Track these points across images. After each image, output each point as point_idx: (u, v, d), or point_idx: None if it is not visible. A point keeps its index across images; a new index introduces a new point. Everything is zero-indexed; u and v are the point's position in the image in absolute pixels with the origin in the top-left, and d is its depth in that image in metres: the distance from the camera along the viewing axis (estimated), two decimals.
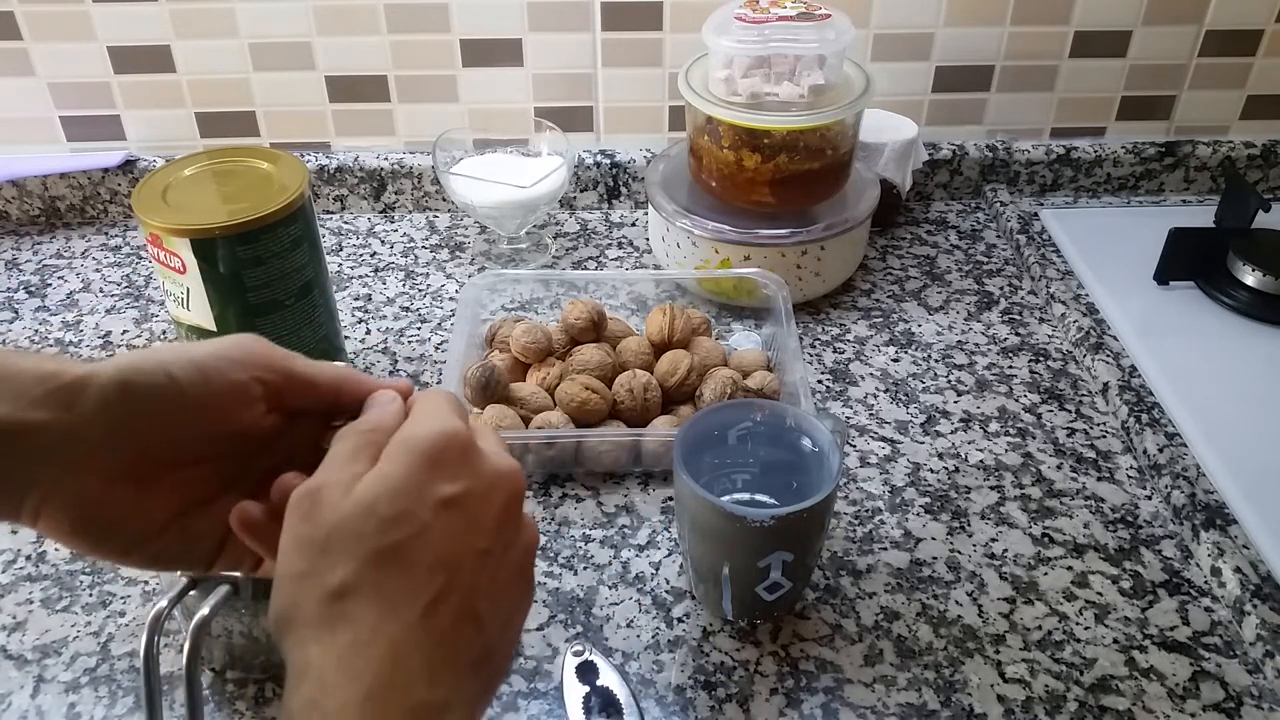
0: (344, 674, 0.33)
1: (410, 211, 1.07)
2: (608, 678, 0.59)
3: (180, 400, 0.39)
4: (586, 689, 0.58)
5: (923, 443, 0.78)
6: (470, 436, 0.39)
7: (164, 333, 0.90)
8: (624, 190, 1.07)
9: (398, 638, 0.34)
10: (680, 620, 0.64)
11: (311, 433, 0.43)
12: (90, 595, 0.66)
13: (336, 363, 0.43)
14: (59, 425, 0.37)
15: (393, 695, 0.33)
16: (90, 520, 0.39)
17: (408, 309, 0.93)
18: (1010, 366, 0.86)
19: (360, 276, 0.97)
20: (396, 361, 0.86)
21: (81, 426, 0.37)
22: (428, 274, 0.97)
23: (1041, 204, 1.07)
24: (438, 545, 0.36)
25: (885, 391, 0.83)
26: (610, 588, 0.66)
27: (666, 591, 0.66)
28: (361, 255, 1.00)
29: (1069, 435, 0.79)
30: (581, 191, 1.07)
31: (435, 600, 0.35)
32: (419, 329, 0.90)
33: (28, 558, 0.68)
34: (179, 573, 0.54)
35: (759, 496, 0.68)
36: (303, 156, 1.03)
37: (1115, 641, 0.63)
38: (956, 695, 0.60)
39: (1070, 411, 0.81)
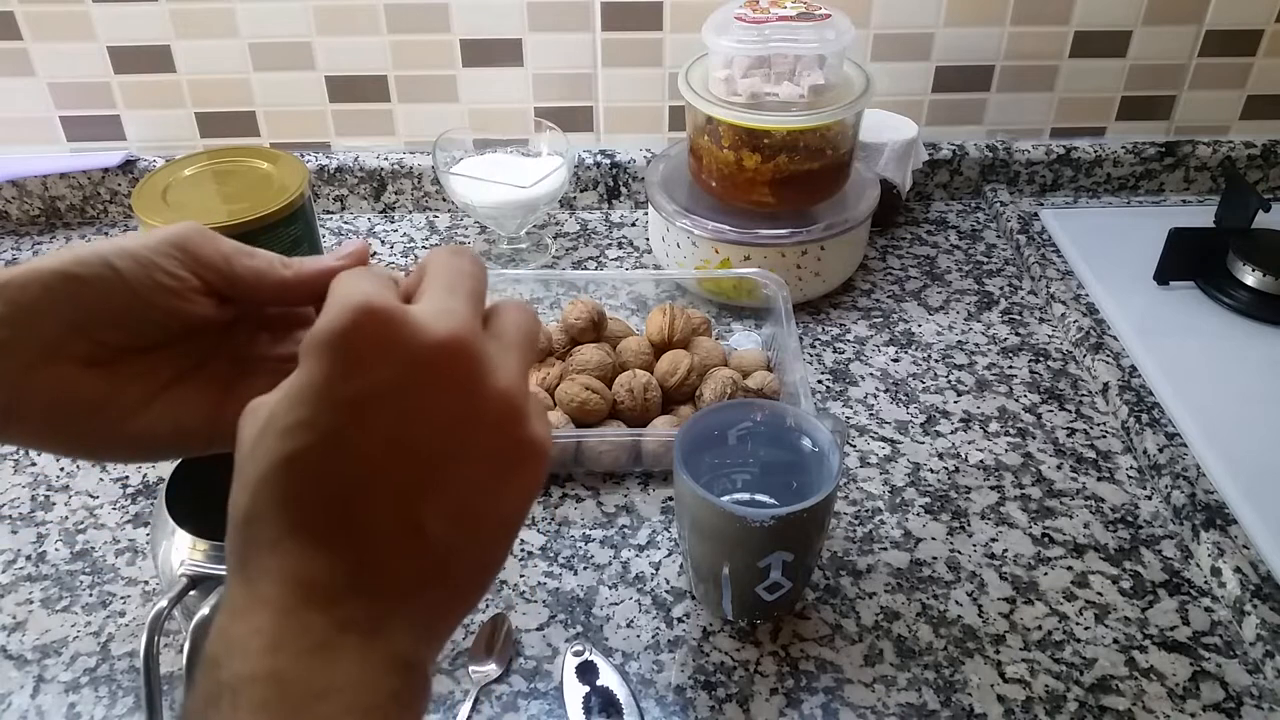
0: (253, 604, 0.29)
1: (410, 211, 1.07)
2: (608, 678, 0.59)
3: (124, 288, 0.38)
4: (586, 689, 0.58)
5: (923, 443, 0.78)
6: (391, 310, 0.30)
7: None
8: (624, 190, 1.07)
9: (308, 557, 0.29)
10: (680, 620, 0.64)
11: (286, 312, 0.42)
12: (90, 595, 0.66)
13: (280, 260, 0.41)
14: (9, 320, 0.37)
15: (306, 615, 0.29)
16: (62, 410, 0.38)
17: None
18: (1010, 366, 0.86)
19: None
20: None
21: (32, 318, 0.37)
22: None
23: (1041, 204, 1.07)
24: (349, 450, 0.30)
25: (885, 391, 0.83)
26: (610, 588, 0.66)
27: (666, 591, 0.66)
28: None
29: (1069, 435, 0.79)
30: (581, 191, 1.07)
31: (359, 517, 0.30)
32: None
33: (28, 558, 0.68)
34: (179, 574, 0.54)
35: (759, 496, 0.68)
36: (303, 156, 1.03)
37: (1115, 641, 0.63)
38: (956, 695, 0.60)
39: (1070, 411, 0.81)
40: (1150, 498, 0.73)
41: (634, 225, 1.05)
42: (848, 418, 0.80)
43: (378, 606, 0.30)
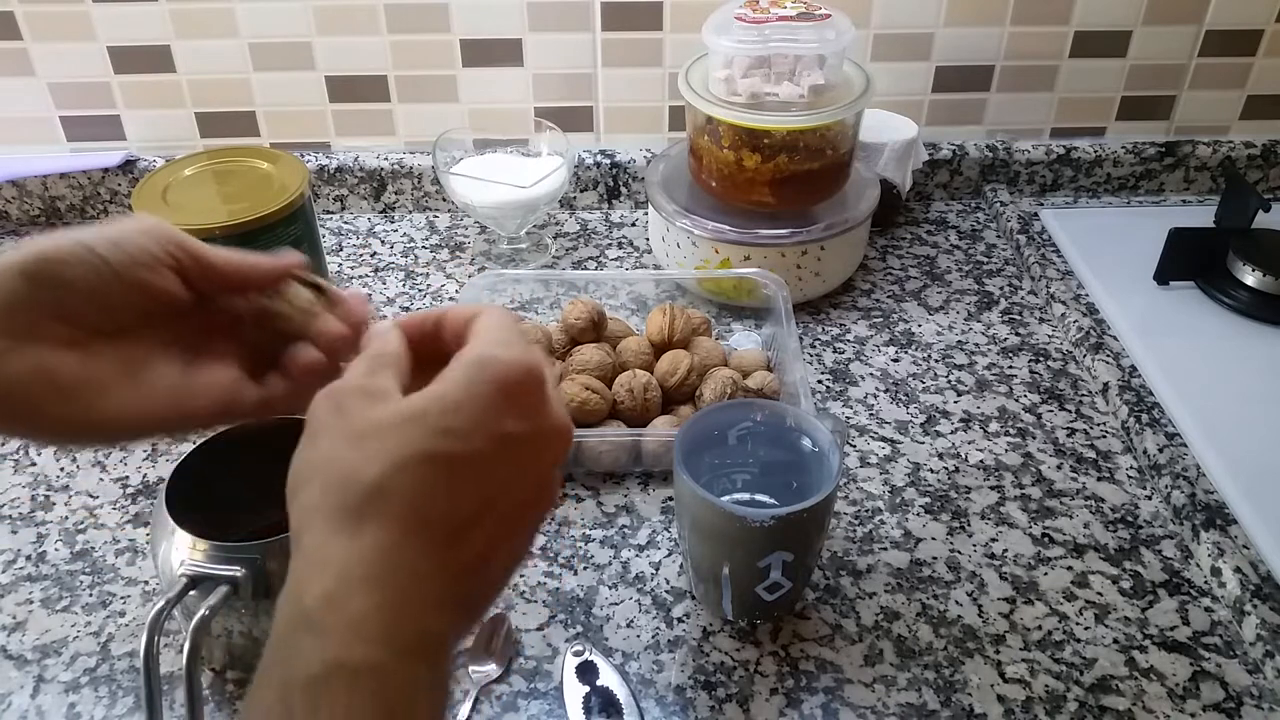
0: (365, 580, 0.32)
1: (410, 211, 1.07)
2: (608, 678, 0.59)
3: (100, 267, 0.41)
4: (586, 689, 0.58)
5: (923, 443, 0.78)
6: (543, 378, 0.37)
7: None
8: (624, 190, 1.07)
9: (420, 559, 0.33)
10: (680, 620, 0.64)
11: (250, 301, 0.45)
12: (90, 595, 0.66)
13: (230, 250, 0.45)
14: None
15: (406, 613, 0.32)
16: (38, 392, 0.40)
17: (408, 309, 0.93)
18: (1010, 366, 0.86)
19: (360, 276, 0.97)
20: None
21: (11, 303, 0.39)
22: (428, 274, 0.97)
23: (1041, 204, 1.07)
24: (484, 475, 0.34)
25: (885, 391, 0.83)
26: (610, 588, 0.66)
27: (666, 591, 0.66)
28: (361, 255, 1.00)
29: (1069, 435, 0.79)
30: (581, 191, 1.07)
31: (463, 528, 0.34)
32: None
33: (28, 558, 0.68)
34: (179, 574, 0.54)
35: (759, 496, 0.68)
36: (303, 156, 1.03)
37: (1115, 641, 0.63)
38: (956, 695, 0.60)
39: (1070, 411, 0.81)
40: (1150, 498, 0.73)
41: (634, 225, 1.05)
42: (848, 418, 0.80)
43: (445, 626, 0.34)
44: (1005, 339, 0.89)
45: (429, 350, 0.40)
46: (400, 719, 0.31)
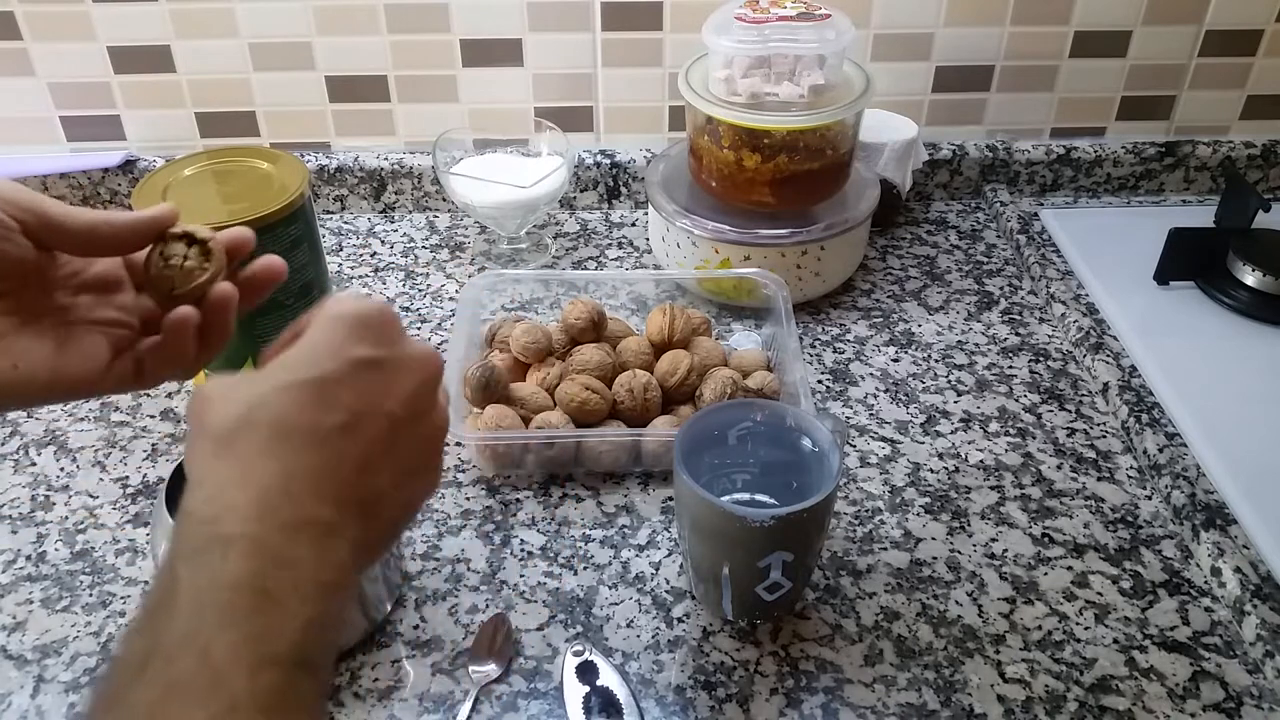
0: (238, 480, 0.36)
1: (410, 211, 1.07)
2: (608, 678, 0.59)
3: None
4: (586, 689, 0.58)
5: (923, 443, 0.78)
6: (396, 318, 0.42)
7: None
8: (624, 190, 1.07)
9: (291, 458, 0.37)
10: (680, 620, 0.64)
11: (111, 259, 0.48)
12: (90, 595, 0.66)
13: (90, 209, 0.45)
14: None
15: (282, 501, 0.36)
16: None
17: (408, 309, 0.93)
18: (1010, 366, 0.86)
19: (360, 276, 0.97)
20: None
21: None
22: (428, 274, 0.97)
23: (1041, 204, 1.07)
24: (346, 392, 0.39)
25: (885, 391, 0.83)
26: (610, 588, 0.66)
27: (666, 591, 0.66)
28: (361, 255, 1.00)
29: (1069, 435, 0.79)
30: (581, 191, 1.07)
31: (332, 435, 0.38)
32: (419, 329, 0.90)
33: (28, 558, 0.68)
34: None
35: (759, 496, 0.68)
36: (303, 156, 1.03)
37: (1115, 641, 0.63)
38: (956, 695, 0.60)
39: (1070, 411, 0.81)
40: (1150, 498, 0.73)
41: (634, 225, 1.05)
42: (848, 418, 0.80)
43: (332, 515, 0.37)
44: (1005, 339, 0.89)
45: None
46: (274, 581, 0.34)
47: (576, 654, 0.60)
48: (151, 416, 0.80)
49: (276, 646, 0.33)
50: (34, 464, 0.76)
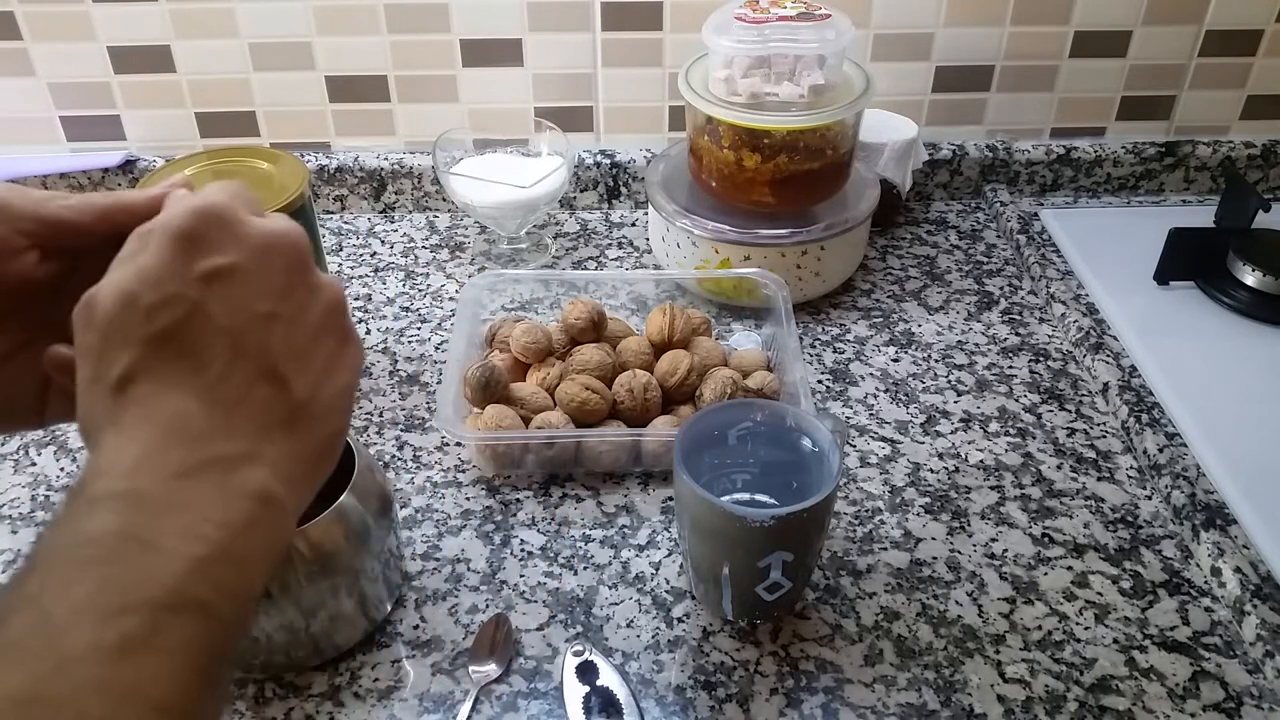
0: (125, 444, 0.34)
1: (410, 211, 1.07)
2: (608, 678, 0.59)
3: None
4: (586, 689, 0.58)
5: (923, 443, 0.78)
6: (229, 208, 0.38)
7: None
8: (624, 190, 1.07)
9: (179, 405, 0.35)
10: (680, 620, 0.64)
11: (105, 263, 0.43)
12: None
13: (100, 194, 0.42)
14: None
15: (171, 455, 0.34)
16: None
17: (408, 309, 0.93)
18: (1010, 366, 0.86)
19: (360, 276, 0.97)
20: (396, 361, 0.86)
21: None
22: (428, 274, 0.97)
23: (1041, 204, 1.07)
24: (213, 318, 0.36)
25: (885, 391, 0.83)
26: (610, 588, 0.66)
27: (666, 591, 0.66)
28: (361, 255, 1.00)
29: (1069, 435, 0.79)
30: (581, 191, 1.07)
31: (222, 370, 0.36)
32: (419, 329, 0.90)
33: (28, 558, 0.68)
34: None
35: (759, 496, 0.68)
36: (303, 156, 1.03)
37: (1115, 641, 0.63)
38: (956, 695, 0.60)
39: (1070, 411, 0.81)
40: (1150, 498, 0.73)
41: (634, 225, 1.05)
42: (848, 418, 0.80)
43: (237, 446, 0.35)
44: (1005, 339, 0.89)
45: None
46: (150, 530, 0.32)
47: (576, 654, 0.60)
48: None
49: (141, 592, 0.31)
50: (34, 464, 0.76)
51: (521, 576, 0.67)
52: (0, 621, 0.30)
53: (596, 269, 0.98)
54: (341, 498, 0.57)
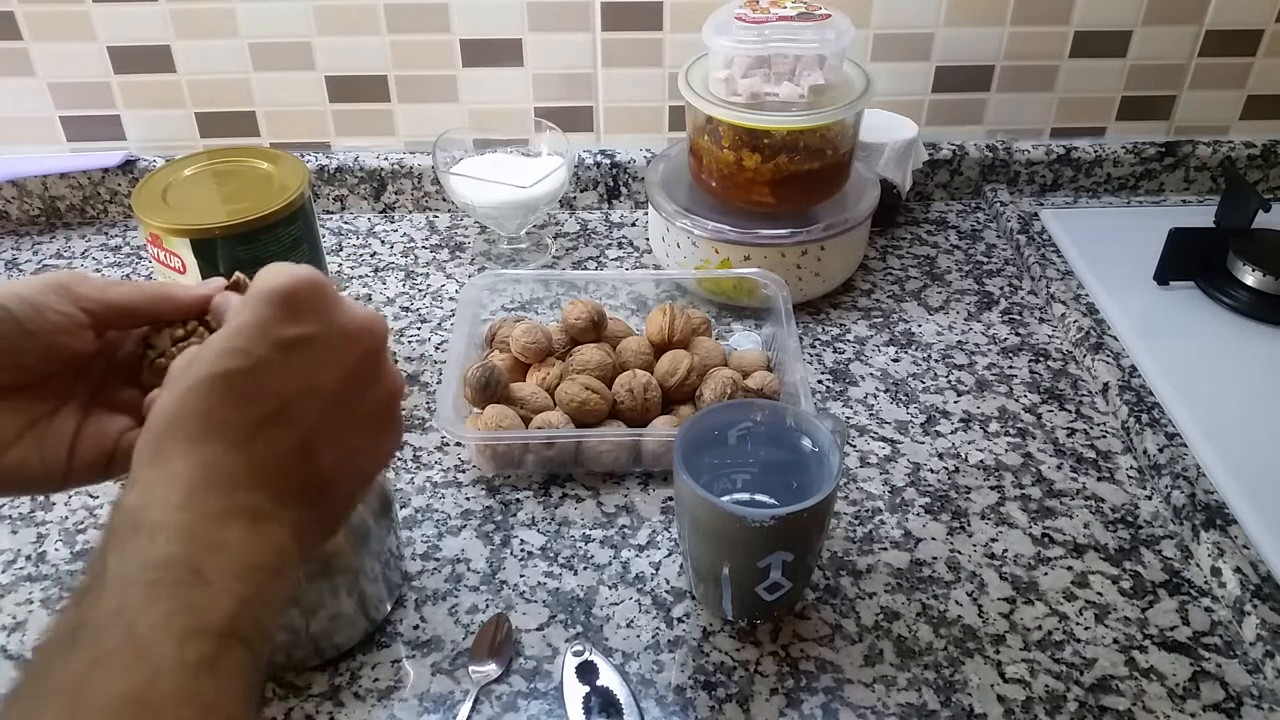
0: (166, 481, 0.35)
1: (410, 211, 1.07)
2: (608, 678, 0.59)
3: (17, 329, 0.42)
4: (586, 689, 0.58)
5: (923, 443, 0.78)
6: (328, 286, 0.40)
7: None
8: (624, 190, 1.07)
9: (220, 455, 0.36)
10: (680, 620, 0.64)
11: (138, 336, 0.46)
12: None
13: (151, 281, 0.45)
14: None
15: (209, 496, 0.35)
16: None
17: (408, 309, 0.93)
18: (1010, 366, 0.86)
19: (360, 276, 0.97)
20: (396, 362, 0.86)
21: None
22: (428, 274, 0.97)
23: (1041, 204, 1.07)
24: (272, 379, 0.37)
25: (885, 391, 0.83)
26: (610, 588, 0.66)
27: (666, 591, 0.66)
28: (361, 255, 1.00)
29: (1069, 435, 0.79)
30: (581, 191, 1.07)
31: (259, 427, 0.37)
32: (419, 329, 0.90)
33: (28, 558, 0.68)
34: None
35: (759, 496, 0.68)
36: (303, 156, 1.03)
37: (1115, 641, 0.63)
38: (956, 695, 0.60)
39: (1070, 411, 0.81)
40: (1150, 498, 0.73)
41: (634, 225, 1.05)
42: (848, 418, 0.80)
43: (266, 503, 0.37)
44: (1005, 339, 0.89)
45: None
46: (204, 562, 0.34)
47: (576, 654, 0.60)
48: None
49: (207, 619, 0.33)
50: None
51: (521, 576, 0.67)
52: (94, 634, 0.32)
53: (596, 269, 0.98)
54: None
